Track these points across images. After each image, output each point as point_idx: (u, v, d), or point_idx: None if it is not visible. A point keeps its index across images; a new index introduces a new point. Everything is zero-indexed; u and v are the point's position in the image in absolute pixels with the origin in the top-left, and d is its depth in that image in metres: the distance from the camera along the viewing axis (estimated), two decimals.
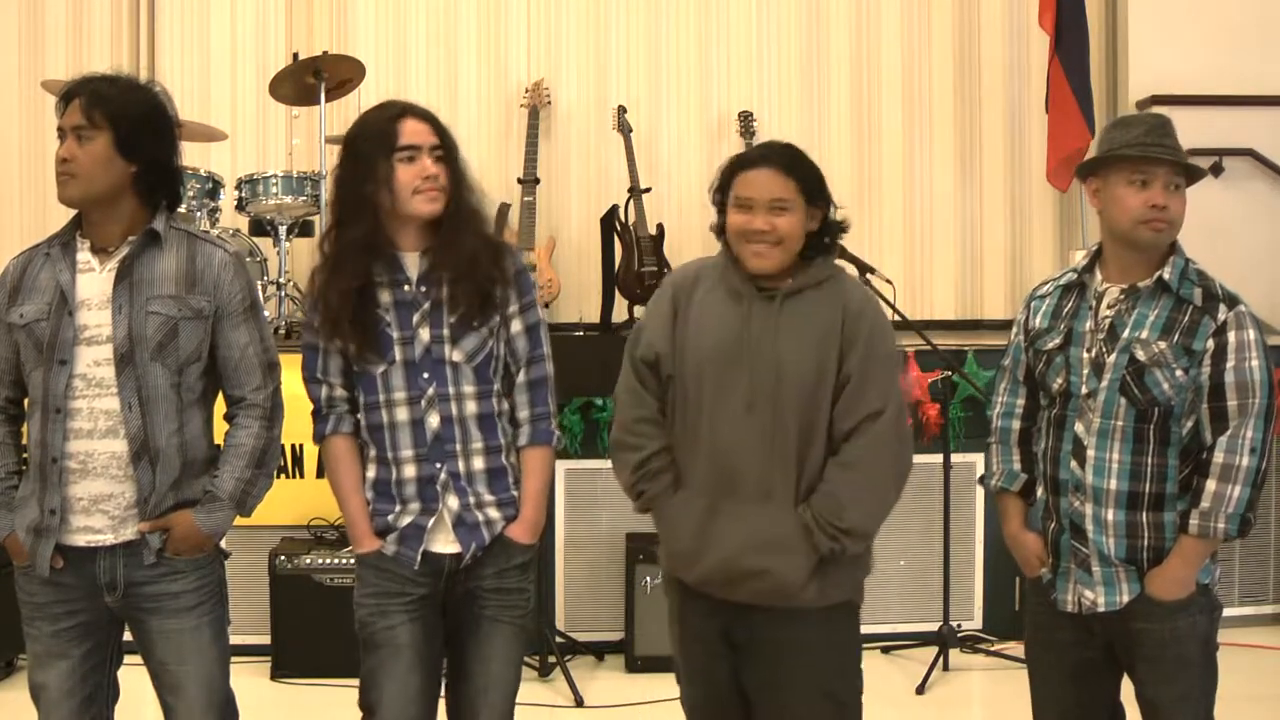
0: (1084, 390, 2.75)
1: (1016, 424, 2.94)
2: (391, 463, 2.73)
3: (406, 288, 2.72)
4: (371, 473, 2.77)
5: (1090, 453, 2.74)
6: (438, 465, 2.72)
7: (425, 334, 2.71)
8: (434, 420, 2.71)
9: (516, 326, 2.79)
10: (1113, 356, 2.72)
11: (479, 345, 2.74)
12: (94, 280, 2.66)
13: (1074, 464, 2.77)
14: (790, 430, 2.65)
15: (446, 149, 2.74)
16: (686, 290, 2.77)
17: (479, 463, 2.75)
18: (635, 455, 2.76)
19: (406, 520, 2.73)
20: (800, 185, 2.68)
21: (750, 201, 2.67)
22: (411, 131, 2.71)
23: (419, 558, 2.71)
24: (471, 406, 2.74)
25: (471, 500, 2.73)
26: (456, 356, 2.72)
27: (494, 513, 2.75)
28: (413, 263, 2.73)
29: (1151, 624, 2.70)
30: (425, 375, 2.71)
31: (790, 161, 2.70)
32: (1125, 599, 2.72)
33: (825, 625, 2.72)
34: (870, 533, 2.72)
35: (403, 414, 2.72)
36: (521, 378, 2.81)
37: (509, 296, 2.77)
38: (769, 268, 2.69)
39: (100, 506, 2.63)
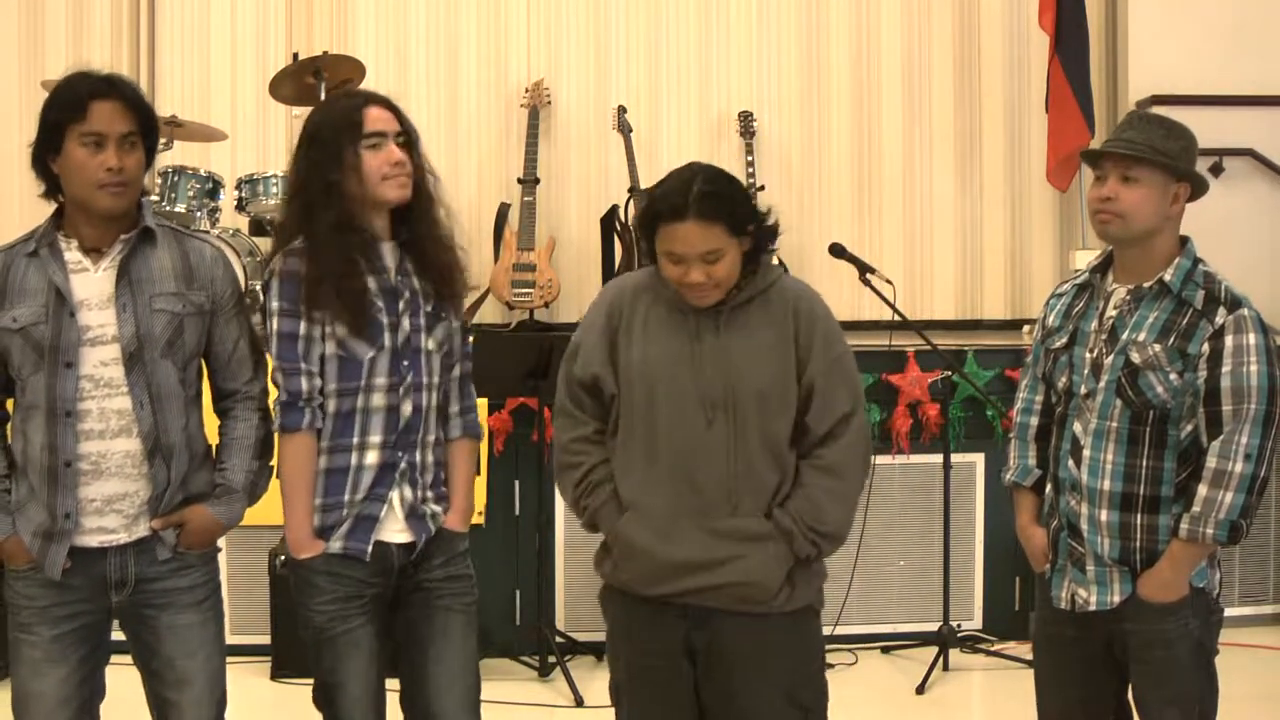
0: (1083, 390, 2.76)
1: (1034, 420, 2.94)
2: (355, 448, 2.70)
3: (386, 275, 2.73)
4: (323, 463, 2.70)
5: (1086, 453, 2.74)
6: (400, 454, 2.72)
7: (407, 322, 2.72)
8: (407, 408, 2.72)
9: (455, 321, 2.83)
10: (1110, 358, 2.72)
11: (446, 335, 2.79)
12: (90, 280, 2.62)
13: (1071, 463, 2.77)
14: (754, 443, 2.58)
15: (409, 136, 2.76)
16: (625, 306, 2.69)
17: (430, 455, 2.77)
18: (575, 473, 2.70)
19: (357, 512, 2.69)
20: (726, 227, 2.55)
21: (681, 257, 2.55)
22: (375, 118, 2.72)
23: (369, 549, 2.69)
24: (435, 397, 2.78)
25: (420, 493, 2.75)
26: (430, 345, 2.75)
27: (435, 505, 2.78)
28: (389, 251, 2.75)
29: (1141, 625, 2.71)
30: (405, 363, 2.72)
31: (709, 207, 2.52)
32: (1117, 599, 2.72)
33: (791, 630, 2.65)
34: (845, 537, 2.68)
35: (379, 400, 2.70)
36: (456, 371, 2.83)
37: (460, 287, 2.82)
38: (713, 301, 2.61)
39: (114, 506, 2.62)
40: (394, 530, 2.72)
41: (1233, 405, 2.63)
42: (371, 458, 2.70)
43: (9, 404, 2.70)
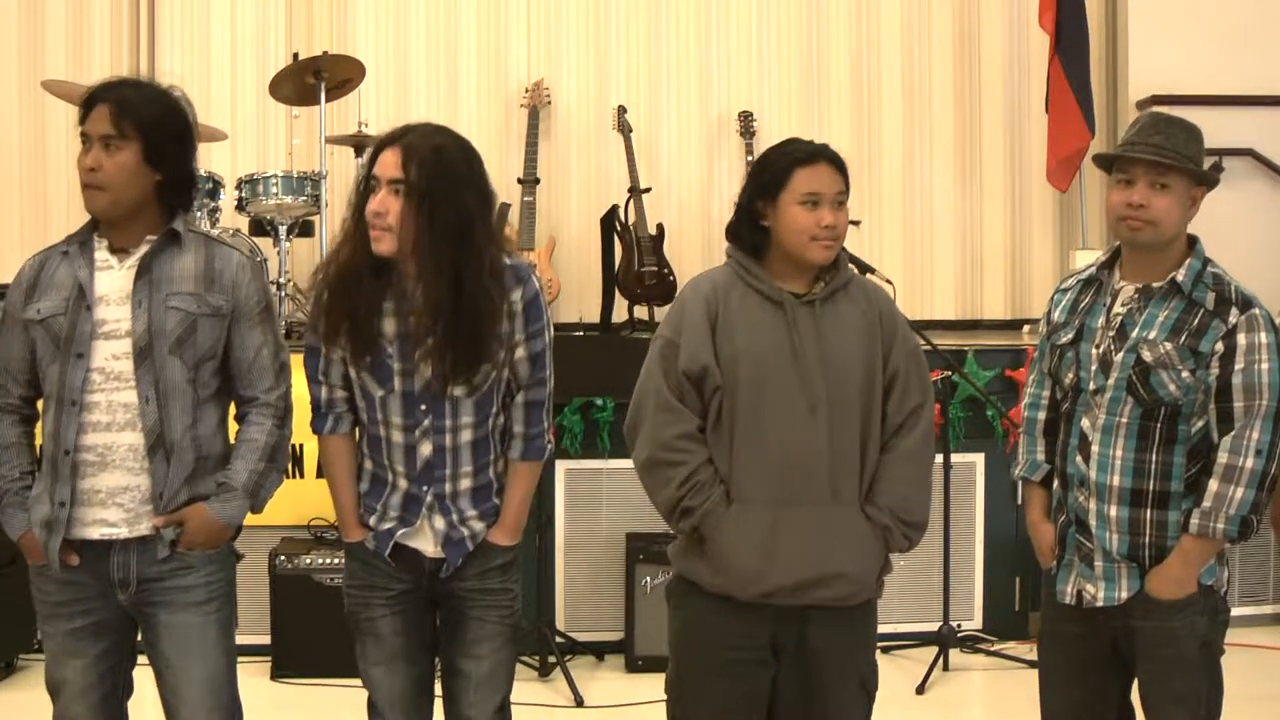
0: (1091, 386, 2.76)
1: (1042, 415, 2.95)
2: (388, 468, 2.74)
3: (412, 319, 2.65)
4: (370, 467, 2.78)
5: (1094, 449, 2.74)
6: (424, 488, 2.71)
7: (427, 369, 2.66)
8: (426, 449, 2.70)
9: (520, 353, 2.73)
10: (1120, 355, 2.72)
11: (481, 380, 2.69)
12: (113, 277, 2.68)
13: (1079, 459, 2.78)
14: (852, 430, 2.70)
15: (411, 184, 2.59)
16: (718, 299, 2.73)
17: (466, 483, 2.74)
18: (680, 470, 2.67)
19: (385, 526, 2.74)
20: (845, 181, 2.77)
21: (818, 197, 2.70)
22: (380, 163, 2.63)
23: (390, 550, 2.73)
24: (466, 435, 2.72)
25: (455, 518, 2.73)
26: (458, 392, 2.68)
27: (477, 524, 2.74)
28: (419, 293, 2.66)
29: (1149, 622, 2.71)
30: (423, 408, 2.68)
31: (837, 157, 2.79)
32: (1124, 595, 2.73)
33: (864, 621, 2.80)
34: (926, 525, 2.79)
35: (397, 436, 2.71)
36: (520, 398, 2.77)
37: (515, 328, 2.71)
38: (830, 259, 2.74)
39: (116, 499, 2.65)
40: (425, 543, 2.73)
41: (1244, 402, 2.64)
42: (401, 483, 2.73)
43: (39, 404, 2.77)
